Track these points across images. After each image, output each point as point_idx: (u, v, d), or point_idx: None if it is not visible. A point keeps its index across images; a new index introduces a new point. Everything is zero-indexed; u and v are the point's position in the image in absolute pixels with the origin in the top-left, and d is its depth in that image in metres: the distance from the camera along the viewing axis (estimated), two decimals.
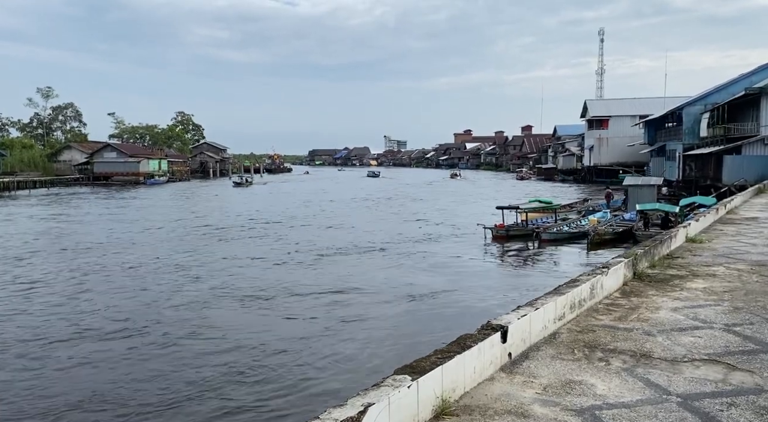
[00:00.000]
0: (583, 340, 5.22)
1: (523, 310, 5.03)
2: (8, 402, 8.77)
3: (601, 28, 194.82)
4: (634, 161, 62.62)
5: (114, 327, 12.46)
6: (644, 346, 5.07)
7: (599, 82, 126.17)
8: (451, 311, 13.43)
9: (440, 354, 3.90)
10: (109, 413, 8.44)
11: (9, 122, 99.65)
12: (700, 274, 8.16)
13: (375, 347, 10.99)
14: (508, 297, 14.31)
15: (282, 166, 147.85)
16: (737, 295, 6.91)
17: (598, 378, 4.33)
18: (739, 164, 34.59)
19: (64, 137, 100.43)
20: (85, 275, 17.90)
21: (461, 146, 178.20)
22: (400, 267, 19.01)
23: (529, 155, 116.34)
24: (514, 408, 3.79)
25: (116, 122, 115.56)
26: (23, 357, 10.64)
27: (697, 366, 4.59)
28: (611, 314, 6.11)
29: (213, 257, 20.96)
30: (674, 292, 7.08)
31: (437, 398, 3.62)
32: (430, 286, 16.01)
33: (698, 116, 43.16)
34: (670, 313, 6.14)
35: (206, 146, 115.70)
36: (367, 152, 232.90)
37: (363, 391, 3.23)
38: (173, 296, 15.08)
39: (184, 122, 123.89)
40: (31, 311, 13.76)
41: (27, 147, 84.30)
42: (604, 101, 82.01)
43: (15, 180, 64.22)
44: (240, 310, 13.86)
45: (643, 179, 35.06)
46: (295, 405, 8.53)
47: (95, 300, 14.79)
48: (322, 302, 14.34)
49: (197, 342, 11.45)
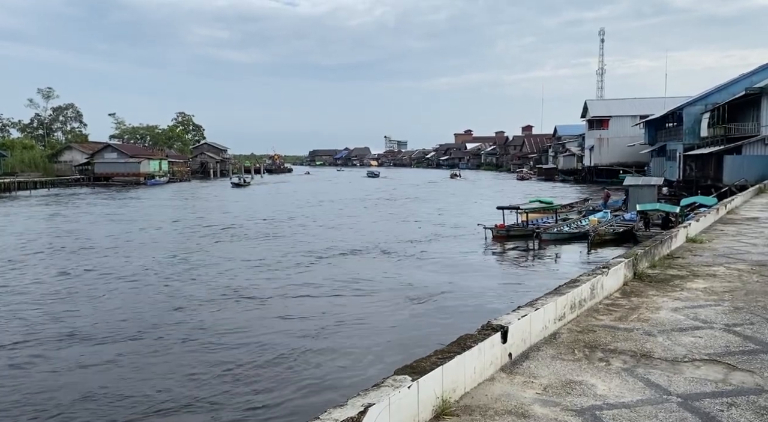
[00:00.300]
0: (584, 340, 5.22)
1: (523, 310, 5.04)
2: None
3: (601, 28, 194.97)
4: (635, 161, 62.62)
5: (107, 328, 12.44)
6: (644, 346, 5.07)
7: (599, 83, 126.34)
8: (451, 312, 13.43)
9: (440, 354, 3.90)
10: (106, 413, 8.44)
11: (10, 122, 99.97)
12: (701, 274, 8.16)
13: (375, 347, 10.99)
14: (508, 297, 14.31)
15: (282, 166, 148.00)
16: (738, 295, 6.91)
17: (598, 379, 4.33)
18: (739, 164, 34.58)
19: (64, 138, 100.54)
20: (78, 276, 17.90)
21: (462, 147, 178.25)
22: (400, 268, 19.00)
23: (529, 155, 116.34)
24: (514, 409, 3.79)
25: (117, 122, 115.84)
26: (12, 359, 10.60)
27: (697, 366, 4.59)
28: (611, 314, 6.11)
29: (212, 259, 20.95)
30: (675, 292, 7.08)
31: (437, 398, 3.62)
32: (430, 286, 16.00)
33: (699, 116, 43.15)
34: (670, 313, 6.14)
35: (207, 147, 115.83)
36: (368, 152, 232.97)
37: (363, 391, 3.23)
38: (170, 299, 15.03)
39: (185, 122, 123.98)
40: (21, 314, 13.58)
41: (27, 148, 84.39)
42: (605, 101, 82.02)
43: (16, 181, 64.27)
44: (240, 310, 13.85)
45: (643, 179, 35.05)
46: (295, 405, 8.52)
47: (85, 302, 14.79)
48: (321, 303, 14.34)
49: (194, 344, 11.44)
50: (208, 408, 8.48)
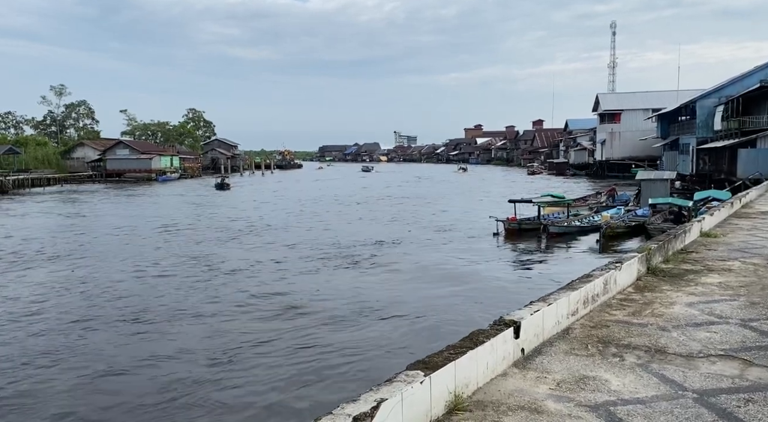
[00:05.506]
0: (597, 335, 5.18)
1: (535, 305, 5.00)
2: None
3: (613, 21, 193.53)
4: (647, 155, 62.05)
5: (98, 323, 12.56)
6: (659, 341, 5.02)
7: (611, 76, 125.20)
8: (462, 306, 13.40)
9: (453, 350, 3.88)
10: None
11: (23, 119, 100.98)
12: (716, 269, 8.07)
13: (385, 343, 10.99)
14: (519, 292, 14.24)
15: (292, 162, 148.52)
16: (753, 290, 6.82)
17: (612, 374, 4.29)
18: (754, 157, 34.15)
19: (77, 135, 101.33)
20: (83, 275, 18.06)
21: (472, 141, 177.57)
22: (410, 263, 18.97)
23: (540, 150, 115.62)
24: (527, 404, 3.76)
25: (128, 119, 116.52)
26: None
27: (713, 362, 4.54)
28: (625, 309, 6.06)
29: (224, 258, 21.06)
30: (689, 287, 7.01)
31: (450, 393, 3.61)
32: (440, 281, 15.98)
33: (712, 109, 42.65)
34: (684, 308, 6.07)
35: (217, 143, 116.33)
36: (377, 147, 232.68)
37: (375, 387, 3.22)
38: (164, 300, 15.03)
39: (196, 118, 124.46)
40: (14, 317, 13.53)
41: (41, 145, 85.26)
42: (617, 95, 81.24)
43: (29, 178, 64.92)
44: (255, 307, 13.90)
45: (656, 174, 34.72)
46: (309, 399, 8.54)
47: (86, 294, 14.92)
48: (331, 295, 14.36)
49: (202, 327, 11.51)
50: (216, 404, 8.52)
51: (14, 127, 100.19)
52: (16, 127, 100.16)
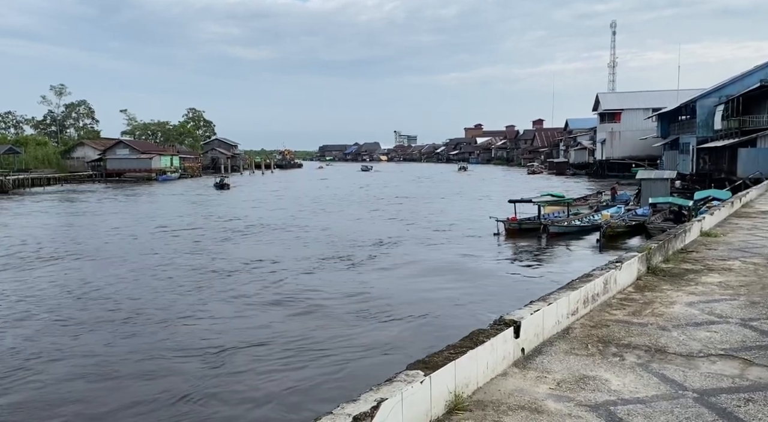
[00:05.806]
0: (597, 335, 5.18)
1: (535, 305, 5.00)
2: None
3: (613, 20, 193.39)
4: (647, 155, 62.04)
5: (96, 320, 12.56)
6: (659, 341, 5.01)
7: (611, 76, 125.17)
8: (462, 306, 13.40)
9: (453, 349, 3.88)
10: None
11: (23, 119, 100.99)
12: (716, 268, 8.06)
13: (385, 342, 10.99)
14: (519, 292, 14.23)
15: (292, 162, 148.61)
16: (753, 289, 6.82)
17: (612, 374, 4.29)
18: (754, 157, 34.13)
19: (77, 134, 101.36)
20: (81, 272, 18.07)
21: (472, 141, 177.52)
22: (410, 262, 18.97)
23: (540, 150, 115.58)
24: (527, 404, 3.76)
25: (128, 118, 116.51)
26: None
27: (713, 362, 4.53)
28: (625, 309, 6.06)
29: (223, 258, 21.06)
30: (689, 286, 7.00)
31: (450, 393, 3.61)
32: (441, 280, 15.98)
33: (712, 108, 42.62)
34: (685, 308, 6.07)
35: (217, 143, 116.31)
36: (377, 147, 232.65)
37: (376, 386, 3.22)
38: (160, 300, 15.13)
39: (196, 118, 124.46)
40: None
41: (41, 144, 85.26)
42: (617, 94, 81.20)
43: (29, 177, 64.92)
44: (262, 310, 13.91)
45: (656, 173, 34.70)
46: (309, 399, 8.54)
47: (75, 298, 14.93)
48: (330, 295, 14.36)
49: (201, 327, 11.51)
50: (214, 404, 8.52)
51: (14, 126, 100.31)
52: (16, 126, 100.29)
